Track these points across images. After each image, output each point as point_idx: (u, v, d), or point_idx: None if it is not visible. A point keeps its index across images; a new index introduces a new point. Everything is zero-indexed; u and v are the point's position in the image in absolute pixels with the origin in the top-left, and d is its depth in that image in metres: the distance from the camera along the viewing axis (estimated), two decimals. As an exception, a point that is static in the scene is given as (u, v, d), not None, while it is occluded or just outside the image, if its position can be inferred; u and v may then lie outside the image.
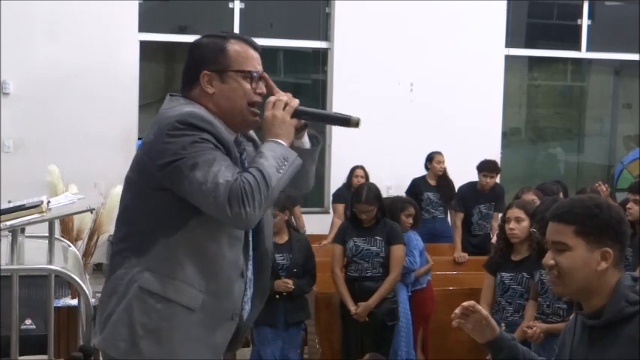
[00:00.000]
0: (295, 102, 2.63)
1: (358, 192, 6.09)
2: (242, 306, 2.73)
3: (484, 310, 2.50)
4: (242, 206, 2.42)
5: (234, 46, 2.66)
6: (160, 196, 2.53)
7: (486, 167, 8.35)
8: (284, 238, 6.00)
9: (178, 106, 2.58)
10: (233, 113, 2.65)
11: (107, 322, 2.60)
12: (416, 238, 6.50)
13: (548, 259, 2.36)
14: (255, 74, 2.66)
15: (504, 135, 11.15)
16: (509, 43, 10.99)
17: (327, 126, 10.18)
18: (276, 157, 2.51)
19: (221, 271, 2.61)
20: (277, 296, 5.75)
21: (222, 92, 2.63)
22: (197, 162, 2.45)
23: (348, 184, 8.71)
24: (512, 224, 4.93)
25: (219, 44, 2.66)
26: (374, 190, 6.03)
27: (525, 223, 4.90)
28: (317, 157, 2.81)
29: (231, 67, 2.64)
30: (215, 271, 2.60)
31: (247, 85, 2.65)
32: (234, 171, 2.49)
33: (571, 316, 2.54)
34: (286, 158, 2.54)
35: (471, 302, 2.49)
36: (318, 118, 2.77)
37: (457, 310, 2.49)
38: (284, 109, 2.60)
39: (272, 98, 2.64)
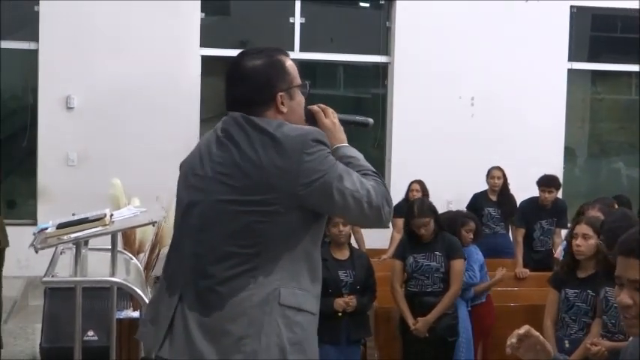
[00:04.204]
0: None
1: (410, 208, 6.06)
2: None
3: (541, 336, 2.40)
4: (390, 206, 2.68)
5: (287, 61, 2.75)
6: (293, 214, 2.59)
7: (545, 182, 8.23)
8: (345, 254, 5.82)
9: (288, 125, 2.64)
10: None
11: (239, 345, 2.57)
12: (476, 252, 6.45)
13: (626, 299, 2.12)
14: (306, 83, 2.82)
15: (567, 149, 10.98)
16: (572, 56, 10.83)
17: (388, 142, 10.18)
18: (363, 159, 2.75)
19: (320, 274, 2.76)
20: (340, 314, 5.63)
21: (292, 109, 2.73)
22: (340, 174, 2.60)
23: (407, 198, 8.67)
24: (580, 241, 4.83)
25: (278, 62, 2.72)
26: (427, 203, 6.05)
27: (593, 241, 4.80)
28: None
29: (295, 83, 2.74)
30: (318, 275, 2.74)
31: (301, 95, 2.79)
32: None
33: (631, 339, 2.36)
34: (365, 160, 2.76)
35: (526, 327, 2.39)
36: (345, 123, 2.92)
37: (513, 339, 2.38)
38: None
39: (316, 107, 2.82)
